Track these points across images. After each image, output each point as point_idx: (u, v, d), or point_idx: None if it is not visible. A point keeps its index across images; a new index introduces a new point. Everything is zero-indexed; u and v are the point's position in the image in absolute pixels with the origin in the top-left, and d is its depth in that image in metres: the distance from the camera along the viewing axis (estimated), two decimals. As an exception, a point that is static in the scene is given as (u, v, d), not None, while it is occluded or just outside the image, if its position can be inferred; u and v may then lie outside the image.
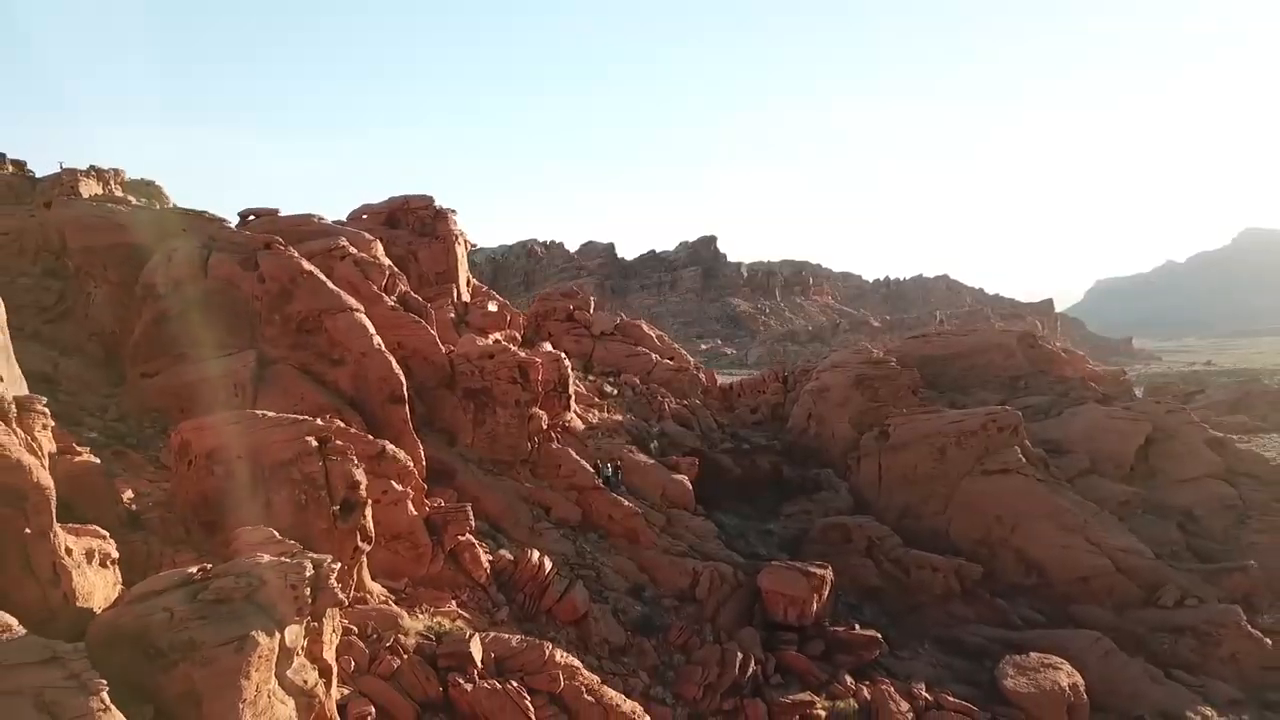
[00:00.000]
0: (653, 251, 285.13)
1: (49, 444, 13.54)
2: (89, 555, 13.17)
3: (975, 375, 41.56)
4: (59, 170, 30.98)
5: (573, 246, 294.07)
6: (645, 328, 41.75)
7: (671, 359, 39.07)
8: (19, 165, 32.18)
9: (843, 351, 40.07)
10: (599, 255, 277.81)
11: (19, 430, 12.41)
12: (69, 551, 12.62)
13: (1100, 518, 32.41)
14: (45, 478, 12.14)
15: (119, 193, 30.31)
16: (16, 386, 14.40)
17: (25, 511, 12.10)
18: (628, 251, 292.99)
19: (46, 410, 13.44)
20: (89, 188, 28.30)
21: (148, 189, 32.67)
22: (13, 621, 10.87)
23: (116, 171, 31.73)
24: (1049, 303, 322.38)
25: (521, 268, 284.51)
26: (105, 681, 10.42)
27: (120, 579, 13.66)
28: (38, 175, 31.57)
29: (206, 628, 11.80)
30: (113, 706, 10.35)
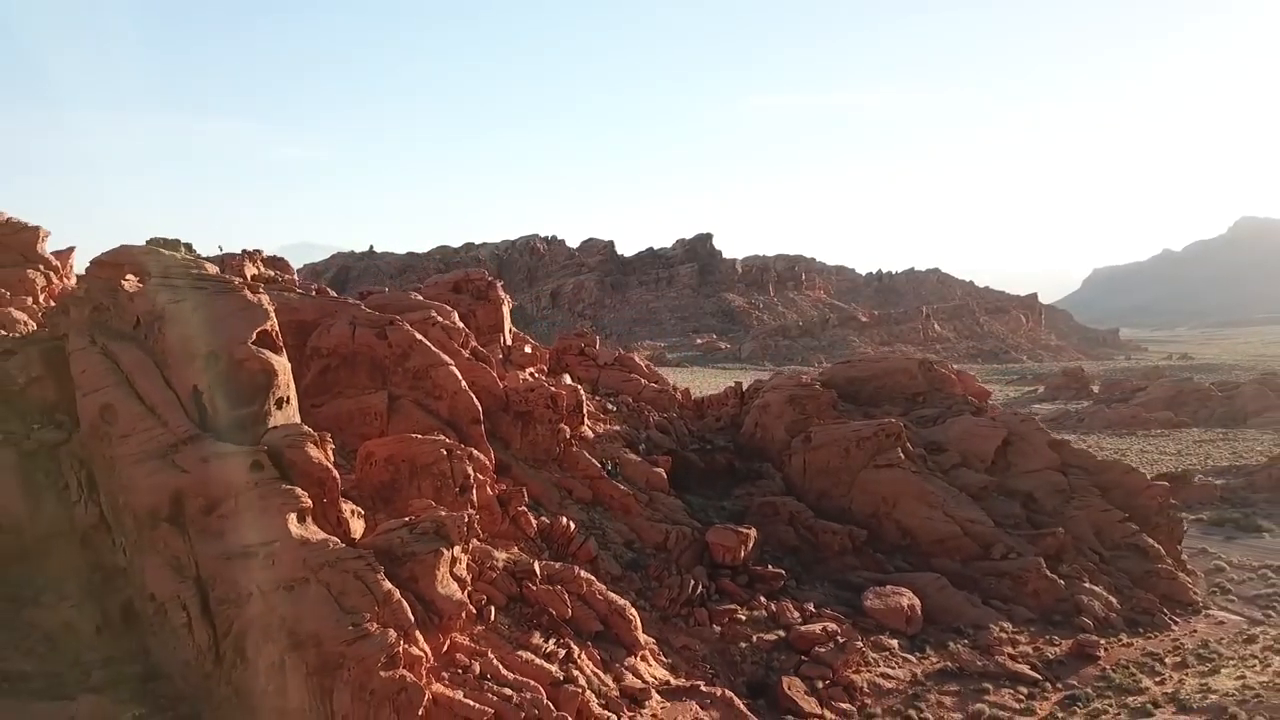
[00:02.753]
0: (651, 249, 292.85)
1: (329, 457, 26.20)
2: (352, 512, 25.80)
3: (885, 393, 51.43)
4: (220, 252, 43.46)
5: (573, 243, 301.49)
6: (637, 358, 53.38)
7: (656, 383, 49.54)
8: (187, 247, 44.45)
9: (780, 377, 51.74)
10: (599, 252, 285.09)
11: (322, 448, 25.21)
12: (344, 509, 25.43)
13: (958, 498, 43.08)
14: (336, 474, 24.49)
15: (261, 270, 42.68)
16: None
17: (325, 490, 24.77)
18: (627, 248, 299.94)
19: (330, 438, 26.10)
20: (250, 269, 40.60)
21: (278, 263, 44.86)
22: (338, 540, 23.60)
23: (258, 251, 43.99)
24: (1034, 296, 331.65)
25: (525, 264, 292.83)
26: (382, 567, 23.23)
27: (365, 524, 26.45)
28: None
29: (419, 545, 23.45)
30: (385, 580, 23.16)
